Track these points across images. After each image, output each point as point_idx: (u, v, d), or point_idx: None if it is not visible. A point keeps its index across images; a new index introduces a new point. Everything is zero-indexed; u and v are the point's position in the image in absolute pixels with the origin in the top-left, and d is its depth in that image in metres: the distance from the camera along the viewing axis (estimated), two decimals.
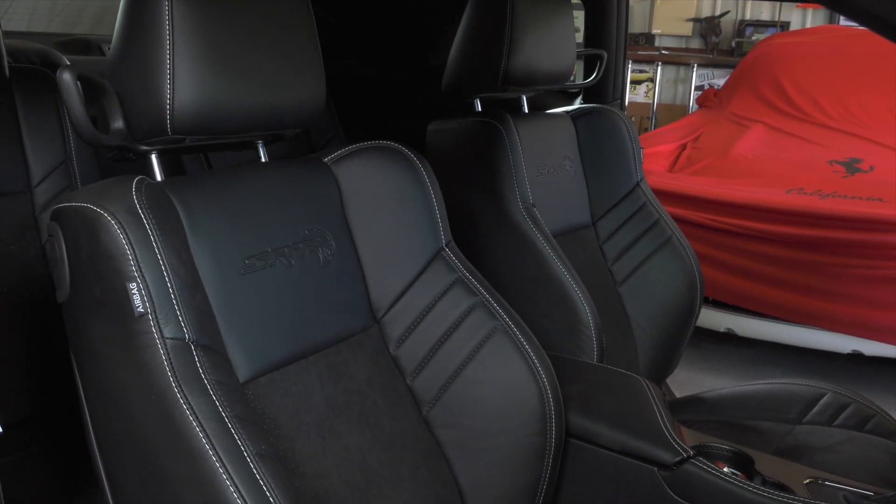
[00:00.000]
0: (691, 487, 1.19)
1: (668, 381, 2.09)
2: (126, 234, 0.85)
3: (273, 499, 0.82)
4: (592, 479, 1.31)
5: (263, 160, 1.15)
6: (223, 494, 0.80)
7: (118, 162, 1.02)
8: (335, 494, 1.03)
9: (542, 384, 1.19)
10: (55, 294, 0.93)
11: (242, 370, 0.98)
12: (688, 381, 2.78)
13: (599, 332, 1.58)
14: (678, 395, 2.02)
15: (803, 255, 2.84)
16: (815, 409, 1.62)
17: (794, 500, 1.12)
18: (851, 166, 3.33)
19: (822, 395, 1.66)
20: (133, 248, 0.85)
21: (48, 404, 1.62)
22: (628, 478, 1.26)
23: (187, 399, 0.83)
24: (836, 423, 1.58)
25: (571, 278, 1.57)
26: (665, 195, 2.68)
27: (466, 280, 1.21)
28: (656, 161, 3.68)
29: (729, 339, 3.21)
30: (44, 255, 1.59)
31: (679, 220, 1.94)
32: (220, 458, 0.81)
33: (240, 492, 0.80)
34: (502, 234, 1.62)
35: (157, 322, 0.85)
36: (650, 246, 1.86)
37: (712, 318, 3.12)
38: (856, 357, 2.88)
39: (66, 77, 0.89)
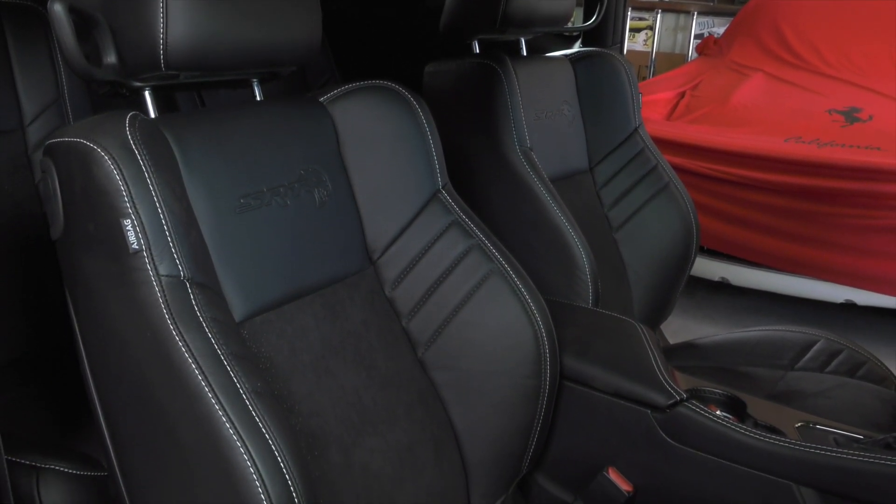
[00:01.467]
0: (684, 429, 1.21)
1: (662, 328, 2.10)
2: (120, 169, 0.84)
3: (269, 435, 0.82)
4: (586, 421, 1.32)
5: (259, 99, 1.14)
6: (219, 430, 0.80)
7: (111, 99, 1.01)
8: (330, 433, 1.04)
9: (537, 327, 1.19)
10: (49, 232, 0.92)
11: (238, 309, 0.97)
12: (681, 328, 2.79)
13: (595, 277, 1.58)
14: (672, 342, 2.03)
15: (799, 204, 2.83)
16: (808, 355, 1.63)
17: (784, 442, 1.13)
18: (850, 115, 3.31)
19: (814, 342, 1.67)
20: (127, 183, 0.84)
21: (44, 343, 1.62)
22: (622, 420, 1.27)
23: (182, 336, 0.83)
24: (828, 369, 1.59)
25: (568, 223, 1.57)
26: (662, 143, 2.66)
27: (462, 222, 1.21)
28: (654, 109, 3.65)
29: (723, 288, 3.22)
30: (37, 194, 1.58)
31: (676, 169, 1.93)
32: (215, 394, 0.81)
33: (235, 428, 0.80)
34: (499, 178, 1.61)
35: (152, 259, 0.84)
36: (647, 192, 1.85)
37: (707, 267, 3.13)
38: (849, 306, 2.89)
39: (58, 8, 0.87)
